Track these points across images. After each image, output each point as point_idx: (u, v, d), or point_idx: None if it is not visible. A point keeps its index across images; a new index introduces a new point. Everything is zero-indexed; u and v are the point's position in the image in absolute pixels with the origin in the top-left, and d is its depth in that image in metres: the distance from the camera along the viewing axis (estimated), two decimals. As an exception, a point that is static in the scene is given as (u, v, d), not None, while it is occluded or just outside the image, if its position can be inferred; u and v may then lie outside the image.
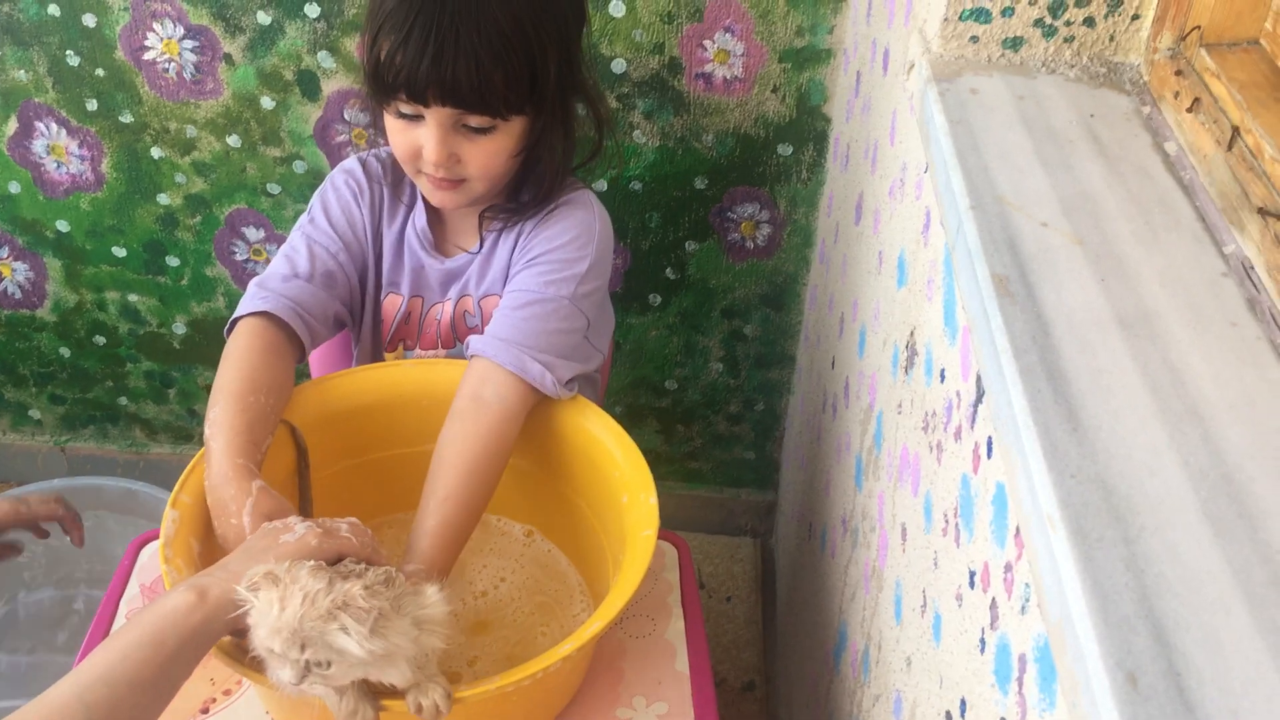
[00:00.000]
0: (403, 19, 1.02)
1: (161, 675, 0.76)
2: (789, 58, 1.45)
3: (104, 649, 0.75)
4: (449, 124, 1.06)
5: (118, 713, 0.73)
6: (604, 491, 1.07)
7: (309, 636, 0.78)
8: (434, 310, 1.23)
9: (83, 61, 1.54)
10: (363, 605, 0.78)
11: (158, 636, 0.76)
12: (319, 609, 0.78)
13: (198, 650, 0.79)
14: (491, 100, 1.04)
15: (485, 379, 1.07)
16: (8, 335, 1.88)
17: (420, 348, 1.25)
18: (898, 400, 1.01)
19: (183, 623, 0.78)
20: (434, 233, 1.21)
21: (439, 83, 1.02)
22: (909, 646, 0.91)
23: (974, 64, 0.91)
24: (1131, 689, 0.47)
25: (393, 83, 1.04)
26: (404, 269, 1.22)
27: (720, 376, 1.82)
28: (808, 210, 1.60)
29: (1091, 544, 0.52)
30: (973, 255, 0.71)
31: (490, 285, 1.20)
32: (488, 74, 1.02)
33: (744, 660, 1.82)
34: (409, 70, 1.02)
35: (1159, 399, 0.60)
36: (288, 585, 0.79)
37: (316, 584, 0.79)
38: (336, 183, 1.21)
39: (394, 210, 1.21)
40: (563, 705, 1.02)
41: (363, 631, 0.78)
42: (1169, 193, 0.77)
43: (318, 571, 0.81)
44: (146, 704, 0.75)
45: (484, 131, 1.07)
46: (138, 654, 0.75)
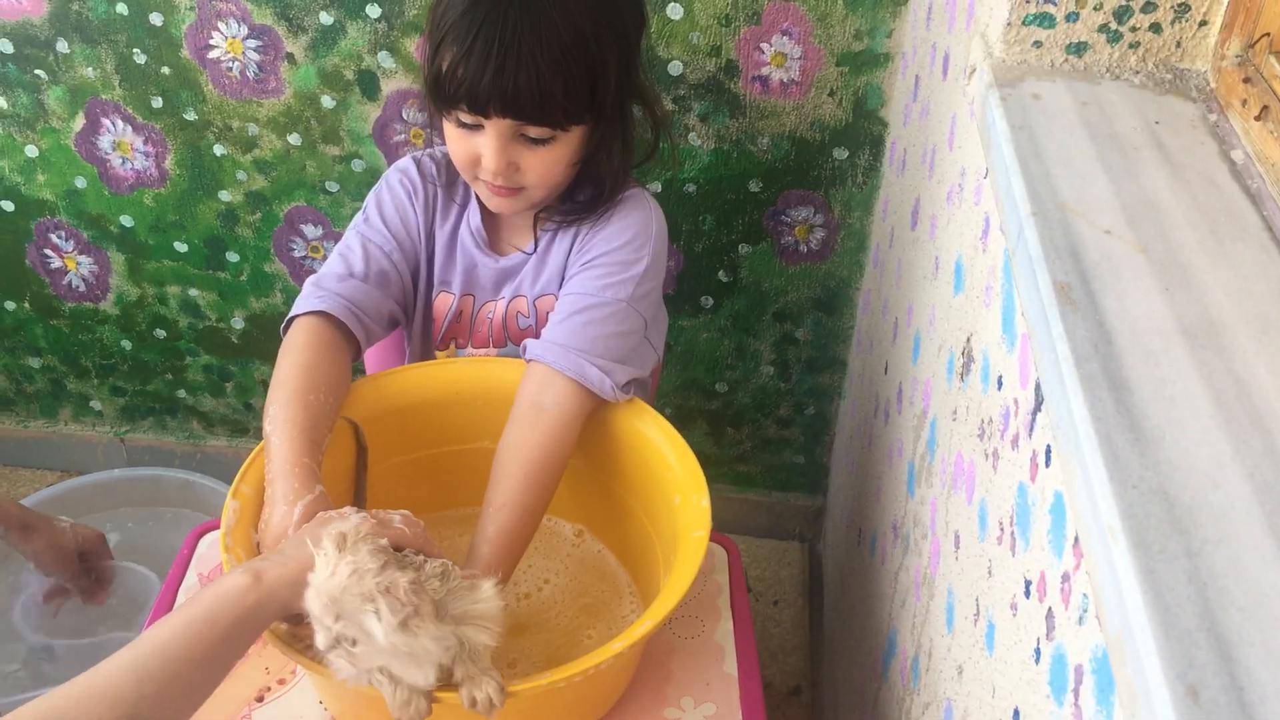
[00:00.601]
0: (465, 31, 1.02)
1: (214, 654, 0.77)
2: (846, 61, 1.45)
3: (159, 626, 0.77)
4: (508, 134, 1.07)
5: (169, 688, 0.74)
6: (656, 492, 1.08)
7: (344, 609, 0.80)
8: (486, 309, 1.24)
9: (149, 60, 1.57)
10: (401, 597, 0.80)
11: (212, 615, 0.78)
12: (362, 586, 0.80)
13: (251, 631, 0.81)
14: (552, 112, 1.05)
15: (545, 385, 1.08)
16: (71, 328, 1.92)
17: (472, 346, 1.26)
18: (953, 407, 1.00)
19: (238, 603, 0.79)
20: (488, 232, 1.22)
21: (501, 95, 1.03)
22: (961, 655, 0.91)
23: (1036, 69, 0.90)
24: (1193, 702, 0.46)
25: (454, 94, 1.05)
26: (456, 267, 1.23)
27: (771, 380, 1.82)
28: (862, 214, 1.59)
29: (1153, 556, 0.52)
30: (1034, 262, 0.71)
31: (545, 285, 1.21)
32: (549, 86, 1.03)
33: (791, 665, 1.81)
34: (471, 83, 1.03)
35: (1223, 410, 0.60)
36: (346, 555, 0.81)
37: (370, 562, 0.80)
38: (391, 182, 1.22)
39: (447, 209, 1.22)
40: (611, 704, 1.02)
41: (392, 622, 0.79)
42: (1235, 201, 0.76)
43: (378, 552, 0.82)
44: (198, 681, 0.77)
45: (543, 142, 1.08)
46: (192, 631, 0.77)
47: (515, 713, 0.89)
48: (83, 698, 0.71)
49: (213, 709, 1.01)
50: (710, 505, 1.00)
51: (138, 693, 0.72)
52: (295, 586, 0.82)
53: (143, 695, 0.72)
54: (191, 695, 0.77)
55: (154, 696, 0.73)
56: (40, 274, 1.85)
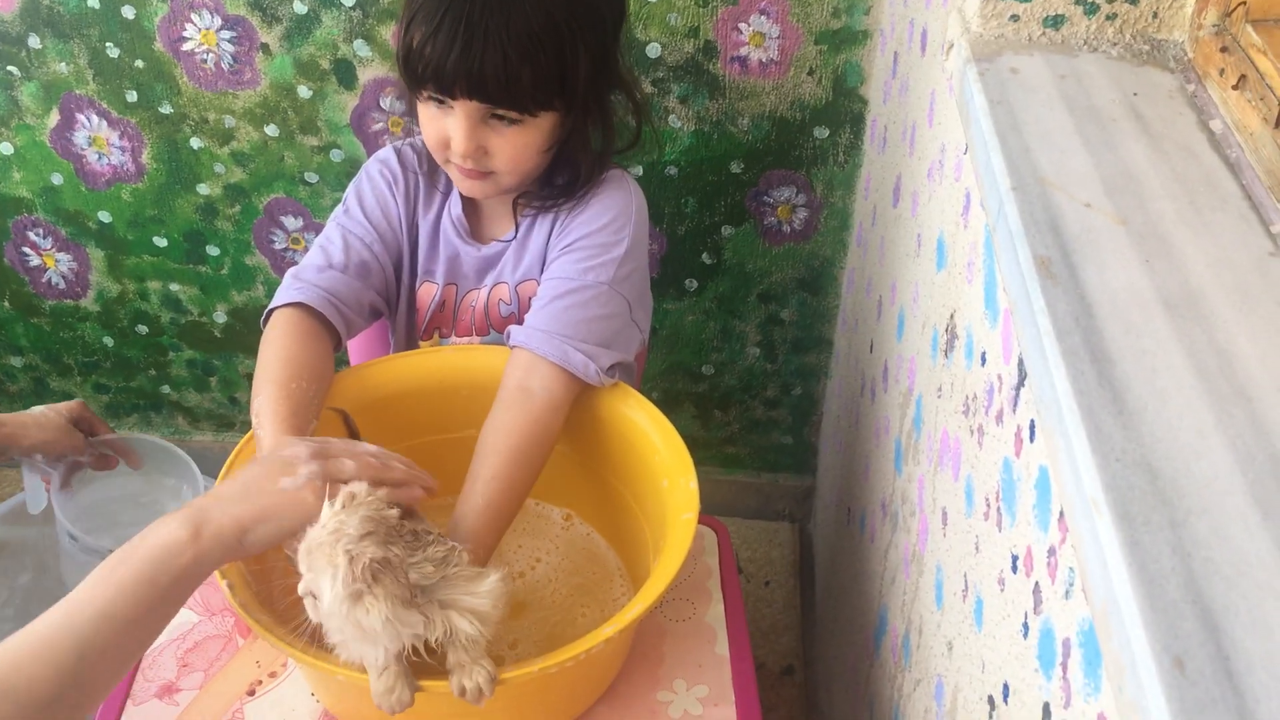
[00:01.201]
0: (434, 10, 1.02)
1: (153, 614, 0.78)
2: (825, 40, 1.44)
3: (97, 586, 0.77)
4: (477, 116, 1.07)
5: (109, 651, 0.74)
6: (644, 476, 1.07)
7: (314, 563, 0.81)
8: (469, 297, 1.24)
9: (122, 53, 1.55)
10: (357, 572, 0.79)
11: (150, 574, 0.78)
12: (334, 548, 0.80)
13: (188, 587, 0.81)
14: (519, 96, 1.05)
15: (530, 370, 1.08)
16: (52, 326, 1.91)
17: (455, 335, 1.25)
18: (937, 384, 1.00)
19: (174, 563, 0.79)
20: (470, 220, 1.21)
21: (466, 76, 1.03)
22: (950, 631, 0.91)
23: (1014, 43, 0.90)
24: (1179, 673, 0.46)
25: (422, 73, 1.04)
26: (439, 257, 1.23)
27: (757, 361, 1.82)
28: (844, 193, 1.59)
29: (1137, 528, 0.52)
30: (1014, 237, 0.70)
31: (526, 271, 1.20)
32: (515, 70, 1.02)
33: (783, 644, 1.82)
34: (437, 62, 1.03)
35: (1205, 380, 0.60)
36: (339, 514, 0.81)
37: (354, 528, 0.80)
38: (371, 172, 1.21)
39: (429, 198, 1.22)
40: (604, 687, 1.02)
41: (340, 592, 0.79)
42: (1214, 171, 0.76)
43: (369, 521, 0.81)
44: (138, 641, 0.78)
45: (512, 124, 1.08)
46: (132, 595, 0.77)
47: (508, 699, 0.89)
48: (22, 659, 0.71)
49: (204, 704, 1.01)
50: (698, 488, 1.00)
51: (79, 657, 0.72)
52: (234, 538, 0.82)
53: (83, 658, 0.73)
54: (131, 655, 0.78)
55: (94, 661, 0.73)
56: (19, 272, 1.84)
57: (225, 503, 0.84)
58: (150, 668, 1.05)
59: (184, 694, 1.02)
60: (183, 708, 1.01)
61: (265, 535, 0.85)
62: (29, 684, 0.70)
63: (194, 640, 1.07)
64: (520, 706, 0.95)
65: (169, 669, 1.05)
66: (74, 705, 0.73)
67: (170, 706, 1.01)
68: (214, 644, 1.07)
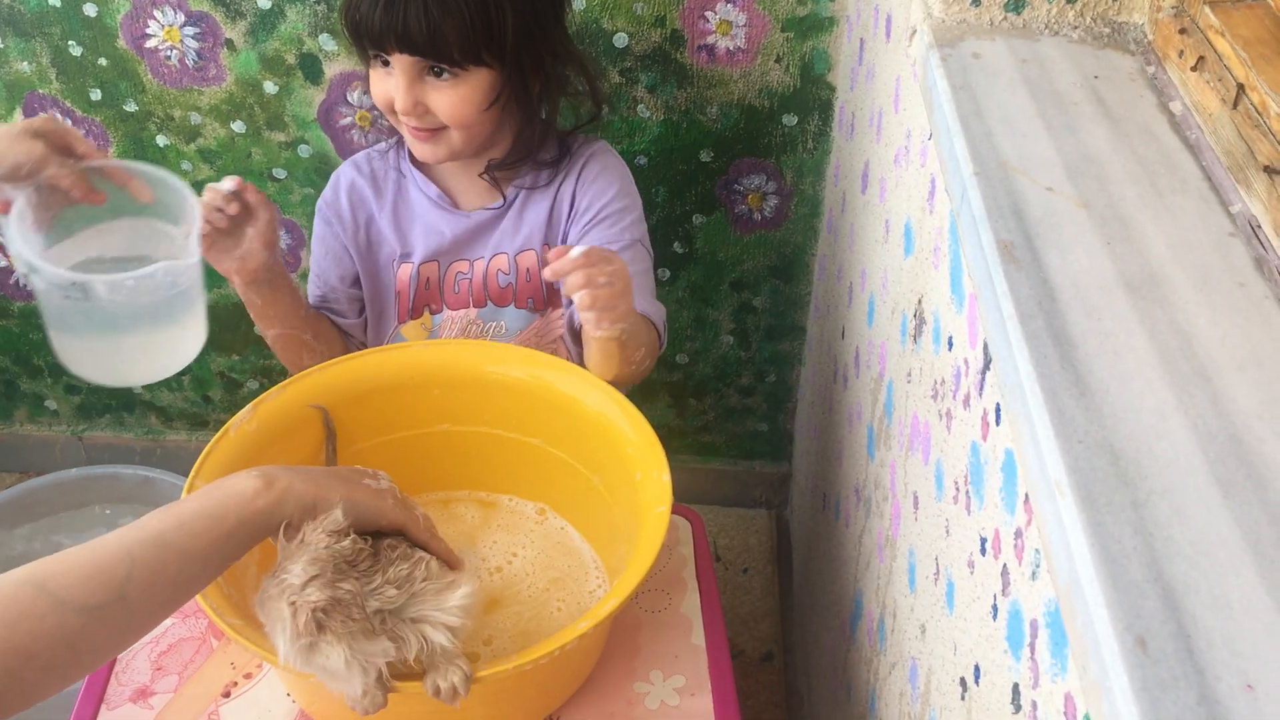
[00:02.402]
0: None
1: (213, 550, 0.75)
2: (791, 27, 1.44)
3: (162, 512, 0.75)
4: (414, 72, 1.12)
5: (160, 575, 0.72)
6: (617, 469, 1.07)
7: (266, 615, 0.80)
8: (455, 269, 1.27)
9: (85, 51, 1.54)
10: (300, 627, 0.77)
11: (218, 512, 0.76)
12: (278, 598, 0.78)
13: (254, 535, 0.78)
14: (444, 48, 1.10)
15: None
16: (21, 327, 1.89)
17: (448, 309, 1.28)
18: (907, 369, 1.01)
19: (245, 505, 0.77)
20: (450, 194, 1.26)
21: (392, 31, 1.09)
22: (923, 614, 0.92)
23: (976, 28, 0.90)
24: (1141, 652, 0.47)
25: (355, 31, 1.12)
26: (413, 238, 1.26)
27: (731, 349, 1.82)
28: (814, 180, 1.59)
29: (1100, 509, 0.52)
30: (977, 221, 0.71)
31: (525, 241, 1.25)
32: (437, 23, 1.08)
33: (762, 631, 1.83)
34: (365, 17, 1.10)
35: (1166, 361, 0.60)
36: (284, 564, 0.79)
37: (297, 576, 0.78)
38: (317, 228, 1.30)
39: (380, 193, 1.27)
40: (580, 681, 1.02)
41: (289, 648, 0.78)
42: (1175, 153, 0.76)
43: (313, 563, 0.79)
44: (192, 575, 0.75)
45: (448, 79, 1.13)
46: (194, 524, 0.75)
47: (484, 696, 0.89)
48: (72, 572, 0.69)
49: (179, 707, 1.00)
50: (674, 478, 1.00)
51: (128, 574, 0.70)
52: (305, 505, 0.81)
53: (132, 578, 0.70)
54: (182, 587, 0.75)
55: (144, 581, 0.71)
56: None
57: (304, 474, 0.83)
58: (124, 671, 1.04)
59: (158, 697, 1.02)
60: (157, 711, 1.01)
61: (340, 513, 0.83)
62: (72, 586, 0.68)
63: (168, 643, 1.07)
64: (497, 702, 0.95)
65: (143, 672, 1.04)
66: (119, 621, 0.70)
67: (145, 710, 1.01)
68: (188, 646, 1.06)
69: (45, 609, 0.66)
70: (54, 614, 0.67)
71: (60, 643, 0.67)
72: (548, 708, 1.00)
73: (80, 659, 0.68)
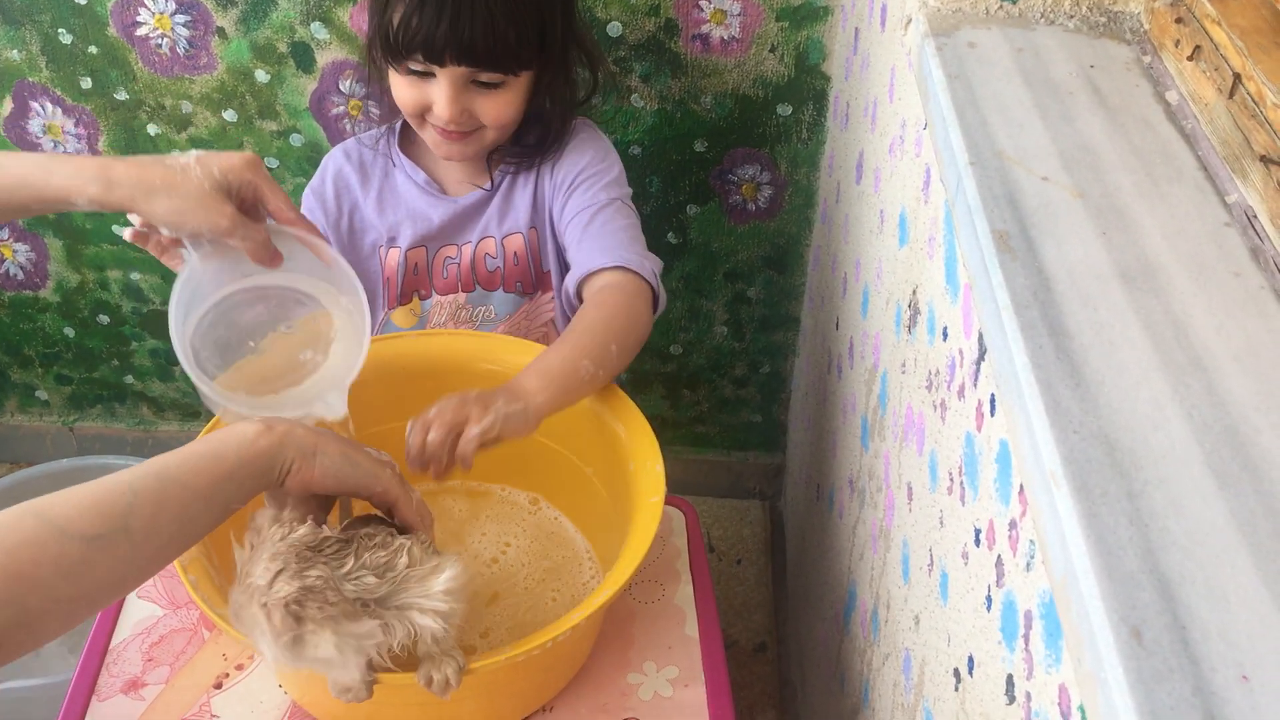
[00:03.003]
0: None
1: (214, 488, 0.75)
2: (786, 16, 1.43)
3: (165, 454, 0.75)
4: (461, 81, 1.11)
5: (163, 509, 0.71)
6: (610, 459, 1.07)
7: (244, 626, 0.78)
8: (443, 254, 1.26)
9: (75, 39, 1.53)
10: (277, 624, 0.76)
11: (219, 451, 0.76)
12: (248, 603, 0.77)
13: (254, 477, 0.77)
14: (505, 58, 1.09)
15: (600, 285, 1.11)
16: (11, 317, 1.88)
17: (437, 294, 1.28)
18: (901, 360, 1.01)
19: (246, 445, 0.77)
20: (437, 179, 1.26)
21: (456, 44, 1.07)
22: (917, 605, 0.92)
23: (971, 17, 0.90)
24: (1136, 643, 0.46)
25: (407, 45, 1.08)
26: (398, 224, 1.26)
27: (725, 340, 1.82)
28: (809, 170, 1.59)
29: (1095, 499, 0.52)
30: (972, 211, 0.70)
31: (512, 225, 1.25)
32: (502, 33, 1.07)
33: (755, 622, 1.83)
34: (426, 33, 1.06)
35: (1162, 352, 0.60)
36: (263, 550, 0.78)
37: (263, 573, 0.77)
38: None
39: (366, 182, 1.26)
40: (573, 672, 1.02)
41: (276, 649, 0.77)
42: (1171, 143, 0.76)
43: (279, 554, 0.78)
44: (195, 513, 0.74)
45: (495, 86, 1.12)
46: (195, 462, 0.74)
47: (477, 688, 0.89)
48: (72, 503, 0.68)
49: (171, 698, 1.00)
50: (664, 470, 1.00)
51: (129, 506, 0.69)
52: (305, 451, 0.80)
53: (134, 510, 0.69)
54: (186, 525, 0.73)
55: (146, 514, 0.70)
56: (-24, 264, 1.81)
57: (305, 428, 0.82)
58: (115, 663, 1.04)
59: (150, 689, 1.01)
60: (148, 703, 1.00)
61: (335, 467, 0.81)
62: (73, 516, 0.67)
63: (159, 634, 1.06)
64: (490, 694, 0.95)
65: (134, 664, 1.04)
66: (124, 554, 0.69)
67: (136, 702, 1.00)
68: (179, 638, 1.06)
69: (46, 537, 0.66)
70: (55, 542, 0.66)
71: (62, 571, 0.66)
72: (542, 699, 1.00)
73: (85, 591, 0.67)
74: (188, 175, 0.88)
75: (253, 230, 0.91)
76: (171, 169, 0.88)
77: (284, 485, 0.80)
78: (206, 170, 0.89)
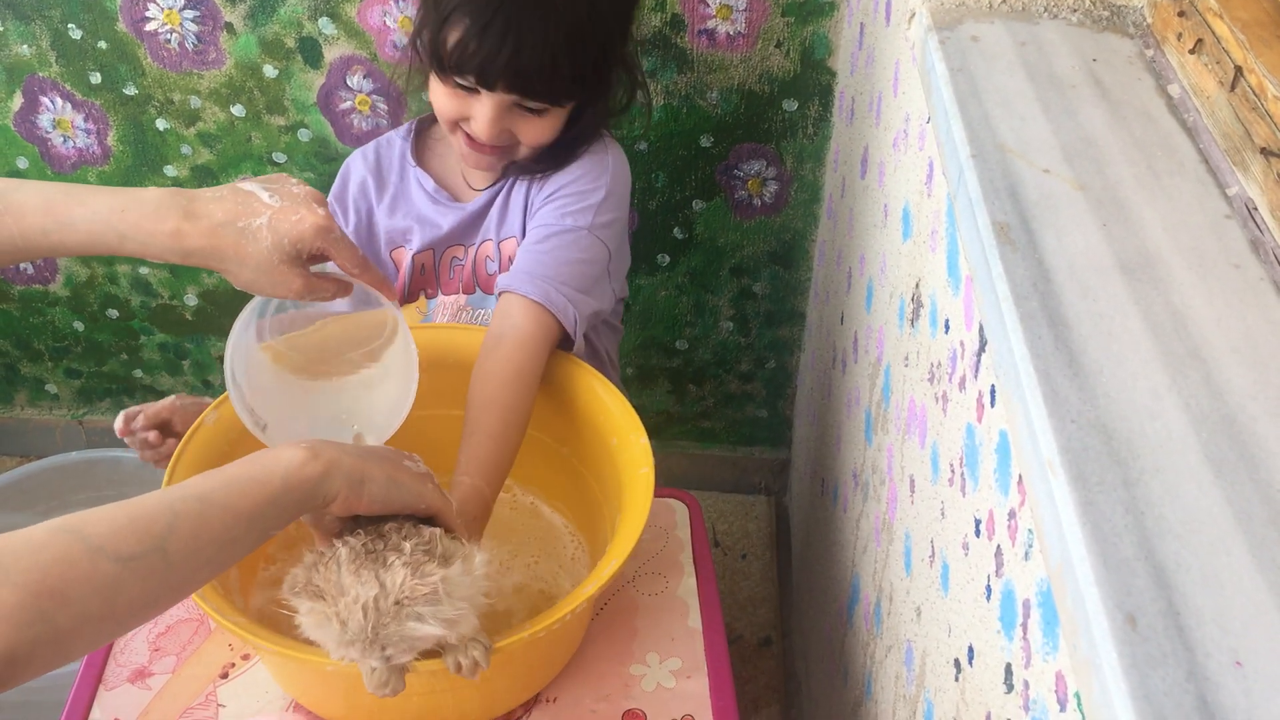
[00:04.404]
0: (484, 5, 1.04)
1: (257, 511, 0.74)
2: (792, 11, 1.44)
3: (206, 474, 0.74)
4: (506, 104, 1.10)
5: (204, 531, 0.70)
6: (588, 436, 1.08)
7: (387, 639, 0.78)
8: (450, 255, 1.27)
9: (85, 35, 1.54)
10: (424, 590, 0.77)
11: (263, 475, 0.75)
12: (385, 615, 0.77)
13: (299, 502, 0.76)
14: (557, 91, 1.10)
15: (508, 313, 1.09)
16: (21, 311, 1.89)
17: (442, 295, 1.29)
18: (904, 353, 1.01)
19: (293, 471, 0.76)
20: (446, 185, 1.26)
21: (512, 74, 1.06)
22: (919, 596, 0.92)
23: (975, 11, 0.90)
24: (1131, 630, 0.47)
25: (461, 65, 1.07)
26: (408, 228, 1.26)
27: (731, 335, 1.82)
28: (814, 165, 1.59)
29: (1091, 488, 0.52)
30: (974, 204, 0.71)
31: (509, 229, 1.24)
32: (559, 68, 1.07)
33: (760, 616, 1.83)
34: (484, 58, 1.06)
35: (1161, 342, 0.60)
36: (335, 597, 0.78)
37: (368, 590, 0.77)
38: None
39: (382, 186, 1.27)
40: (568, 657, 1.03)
41: (436, 612, 0.78)
42: (1172, 135, 0.76)
43: (359, 570, 0.79)
44: (236, 535, 0.73)
45: (539, 112, 1.12)
46: (238, 485, 0.73)
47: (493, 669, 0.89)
48: (109, 522, 0.67)
49: (177, 688, 1.01)
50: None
51: (169, 527, 0.69)
52: (352, 480, 0.79)
53: (174, 530, 0.69)
54: (226, 548, 0.72)
55: (187, 535, 0.69)
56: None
57: (349, 450, 0.81)
58: (122, 653, 1.04)
59: (156, 678, 1.02)
60: (155, 692, 1.01)
61: (381, 494, 0.81)
62: (108, 534, 0.66)
63: (166, 624, 1.07)
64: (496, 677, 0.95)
65: (141, 653, 1.04)
66: (158, 575, 0.68)
67: (143, 691, 1.01)
68: (186, 628, 1.07)
69: (80, 554, 0.65)
70: (89, 560, 0.65)
71: (95, 590, 0.65)
72: (544, 680, 1.01)
73: (116, 612, 0.66)
74: (259, 244, 0.87)
75: (322, 289, 0.92)
76: (244, 236, 0.87)
77: (329, 508, 0.80)
78: (277, 241, 0.87)
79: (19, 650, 0.61)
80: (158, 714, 0.99)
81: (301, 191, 0.90)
